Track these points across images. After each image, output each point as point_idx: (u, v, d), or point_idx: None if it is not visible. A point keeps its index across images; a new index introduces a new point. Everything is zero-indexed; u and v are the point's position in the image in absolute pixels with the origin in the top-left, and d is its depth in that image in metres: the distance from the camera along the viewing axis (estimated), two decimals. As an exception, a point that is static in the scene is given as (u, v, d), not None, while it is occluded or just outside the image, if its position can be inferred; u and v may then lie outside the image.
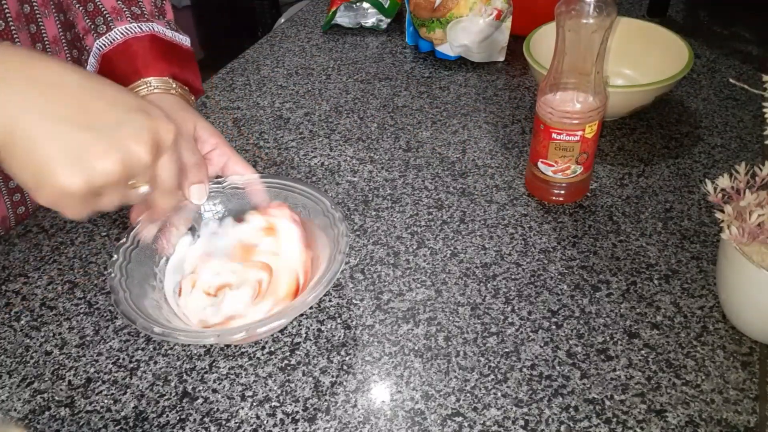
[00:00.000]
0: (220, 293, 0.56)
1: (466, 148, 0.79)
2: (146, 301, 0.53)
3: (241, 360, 0.55)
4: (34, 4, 0.71)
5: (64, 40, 0.76)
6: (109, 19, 0.66)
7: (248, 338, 0.54)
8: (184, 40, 0.70)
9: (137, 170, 0.43)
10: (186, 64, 0.68)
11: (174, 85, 0.64)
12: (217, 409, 0.52)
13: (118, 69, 0.65)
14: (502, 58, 0.96)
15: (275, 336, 0.57)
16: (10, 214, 0.72)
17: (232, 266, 0.58)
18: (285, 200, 0.60)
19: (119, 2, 0.66)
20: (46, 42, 0.73)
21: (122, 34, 0.65)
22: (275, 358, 0.55)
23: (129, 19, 0.65)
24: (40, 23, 0.72)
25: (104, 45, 0.66)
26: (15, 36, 0.69)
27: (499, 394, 0.51)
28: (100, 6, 0.66)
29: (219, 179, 0.61)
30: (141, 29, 0.65)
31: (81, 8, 0.68)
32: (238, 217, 0.61)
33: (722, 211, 0.52)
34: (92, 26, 0.66)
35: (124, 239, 0.56)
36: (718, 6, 1.10)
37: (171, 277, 0.58)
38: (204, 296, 0.56)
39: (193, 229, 0.60)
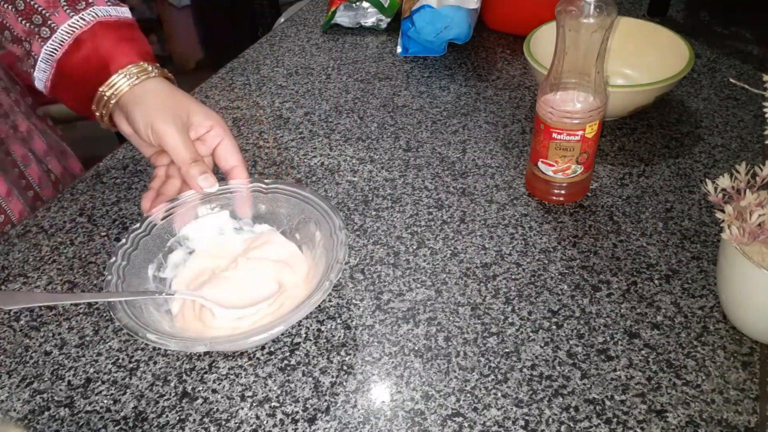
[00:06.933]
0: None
1: (466, 148, 0.79)
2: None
3: (240, 360, 0.55)
4: None
5: None
6: (47, 15, 0.60)
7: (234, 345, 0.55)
8: (125, 12, 0.63)
9: None
10: (141, 37, 0.63)
11: (150, 68, 0.61)
12: (217, 410, 0.51)
13: (80, 70, 0.60)
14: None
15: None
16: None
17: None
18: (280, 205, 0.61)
19: None
20: None
21: (68, 33, 0.60)
22: (275, 358, 0.55)
23: (67, 10, 0.60)
24: None
25: (55, 50, 0.60)
26: None
27: (500, 394, 0.51)
28: (33, 2, 0.60)
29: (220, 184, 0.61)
30: (84, 20, 0.60)
31: (10, 7, 0.61)
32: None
33: (723, 211, 0.52)
34: (33, 28, 0.61)
35: (138, 225, 0.58)
36: (719, 6, 1.10)
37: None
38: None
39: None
